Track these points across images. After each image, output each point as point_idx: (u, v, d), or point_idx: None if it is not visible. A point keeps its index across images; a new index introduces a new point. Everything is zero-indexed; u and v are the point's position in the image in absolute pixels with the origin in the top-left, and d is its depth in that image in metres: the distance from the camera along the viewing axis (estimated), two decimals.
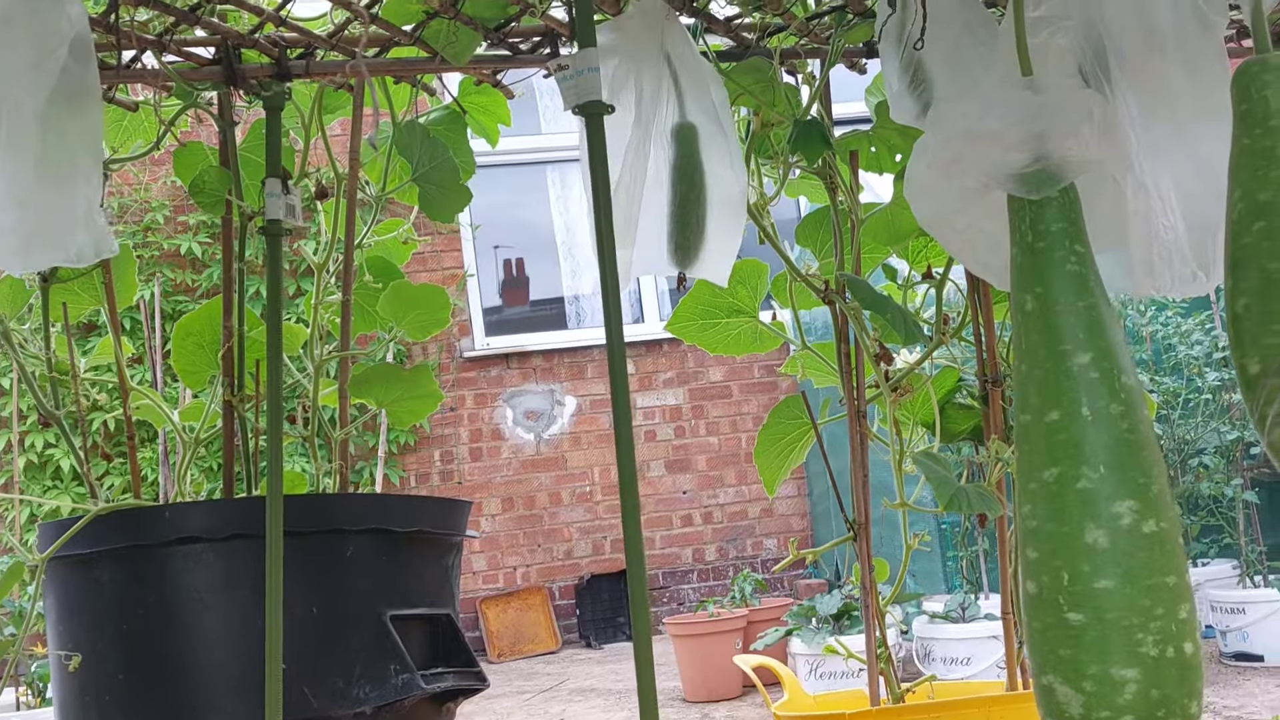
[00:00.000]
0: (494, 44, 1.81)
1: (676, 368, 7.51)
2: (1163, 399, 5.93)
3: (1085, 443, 1.20)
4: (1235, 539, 5.73)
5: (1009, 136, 1.27)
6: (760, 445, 2.28)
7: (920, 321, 2.28)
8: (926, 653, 4.86)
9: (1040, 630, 1.21)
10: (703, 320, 2.30)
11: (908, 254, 2.28)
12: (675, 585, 7.45)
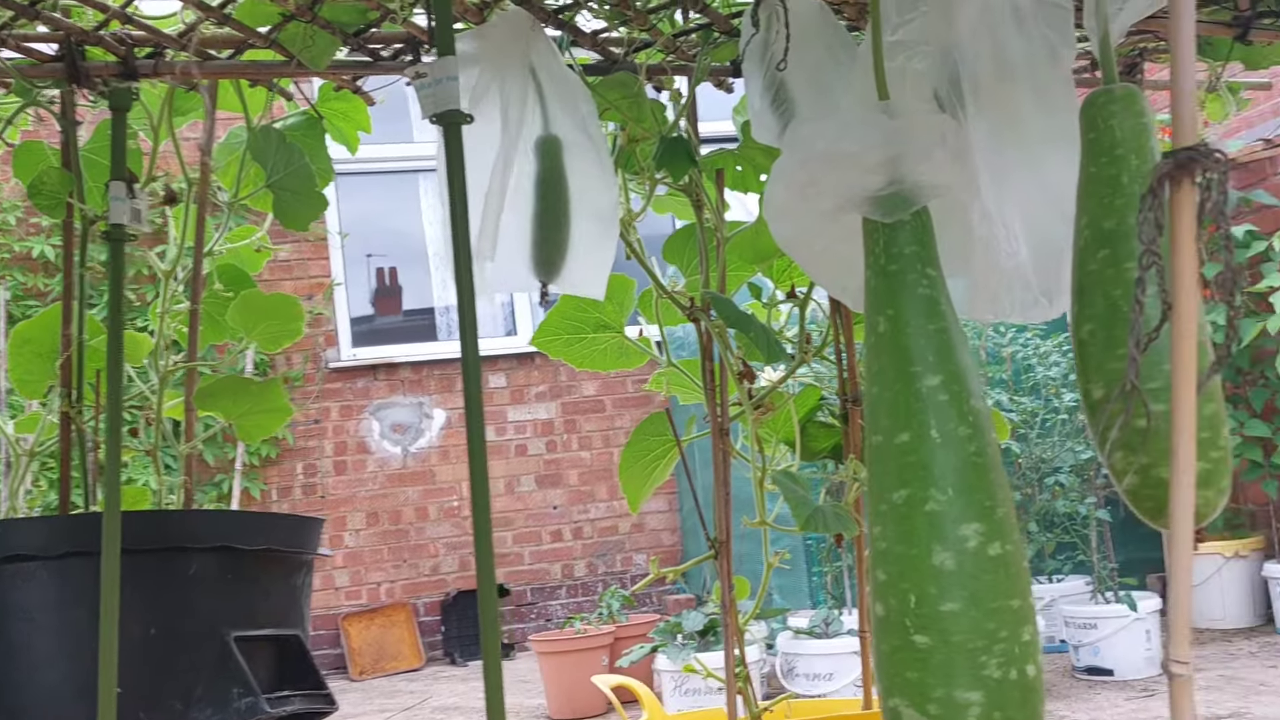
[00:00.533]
0: (354, 49, 1.77)
1: (549, 381, 7.47)
2: (1021, 418, 6.09)
3: (934, 465, 1.20)
4: (1088, 556, 5.90)
5: (864, 159, 1.28)
6: (625, 462, 2.26)
7: (784, 340, 2.29)
8: (790, 668, 4.89)
9: (888, 653, 1.22)
10: (569, 335, 2.28)
11: (772, 272, 2.29)
12: (544, 601, 7.40)
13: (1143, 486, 1.23)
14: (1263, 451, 6.36)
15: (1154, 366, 1.21)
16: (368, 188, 7.58)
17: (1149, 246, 0.96)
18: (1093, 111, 1.32)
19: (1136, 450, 1.22)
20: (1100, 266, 1.28)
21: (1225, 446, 1.25)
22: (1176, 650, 0.90)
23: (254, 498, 6.93)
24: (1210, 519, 1.25)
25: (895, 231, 1.28)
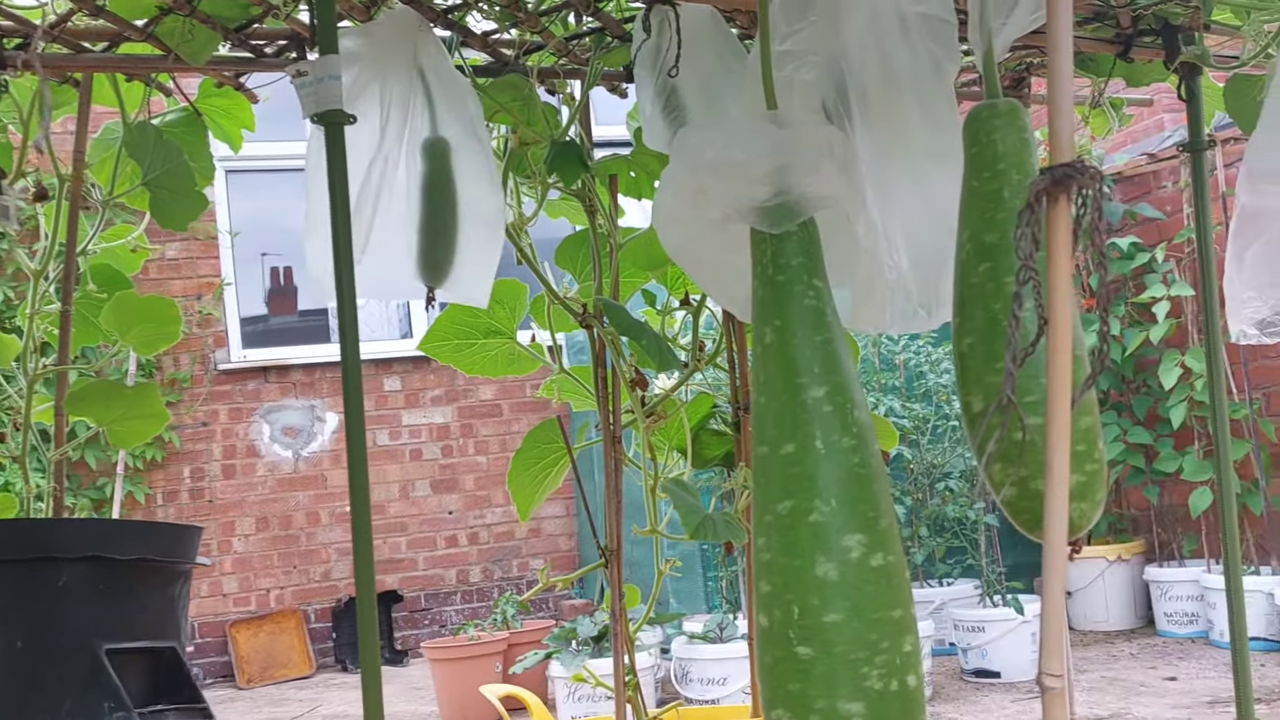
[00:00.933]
0: (236, 45, 1.72)
1: (445, 385, 7.39)
2: (913, 424, 6.18)
3: (818, 476, 1.21)
4: (977, 560, 6.01)
5: (752, 169, 1.27)
6: (514, 470, 2.24)
7: (677, 347, 2.29)
8: (684, 673, 4.90)
9: (771, 664, 1.21)
10: (459, 340, 2.25)
11: (666, 280, 2.28)
12: (438, 608, 7.32)
13: (1020, 498, 1.24)
14: (1145, 458, 6.53)
15: (1031, 380, 1.22)
16: (263, 185, 7.43)
17: (1026, 262, 0.97)
18: (975, 126, 1.33)
19: (1014, 463, 1.23)
20: (981, 280, 1.29)
21: (1101, 460, 1.27)
22: (1048, 663, 0.91)
23: (138, 502, 6.75)
24: (1085, 530, 1.27)
25: (782, 242, 1.28)
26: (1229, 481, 1.88)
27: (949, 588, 6.24)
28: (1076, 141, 6.19)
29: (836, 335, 1.27)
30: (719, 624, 5.00)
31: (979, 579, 6.01)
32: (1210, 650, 5.80)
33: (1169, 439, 6.42)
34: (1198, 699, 4.94)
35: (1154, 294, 6.11)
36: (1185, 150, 1.95)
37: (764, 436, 1.26)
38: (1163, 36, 1.90)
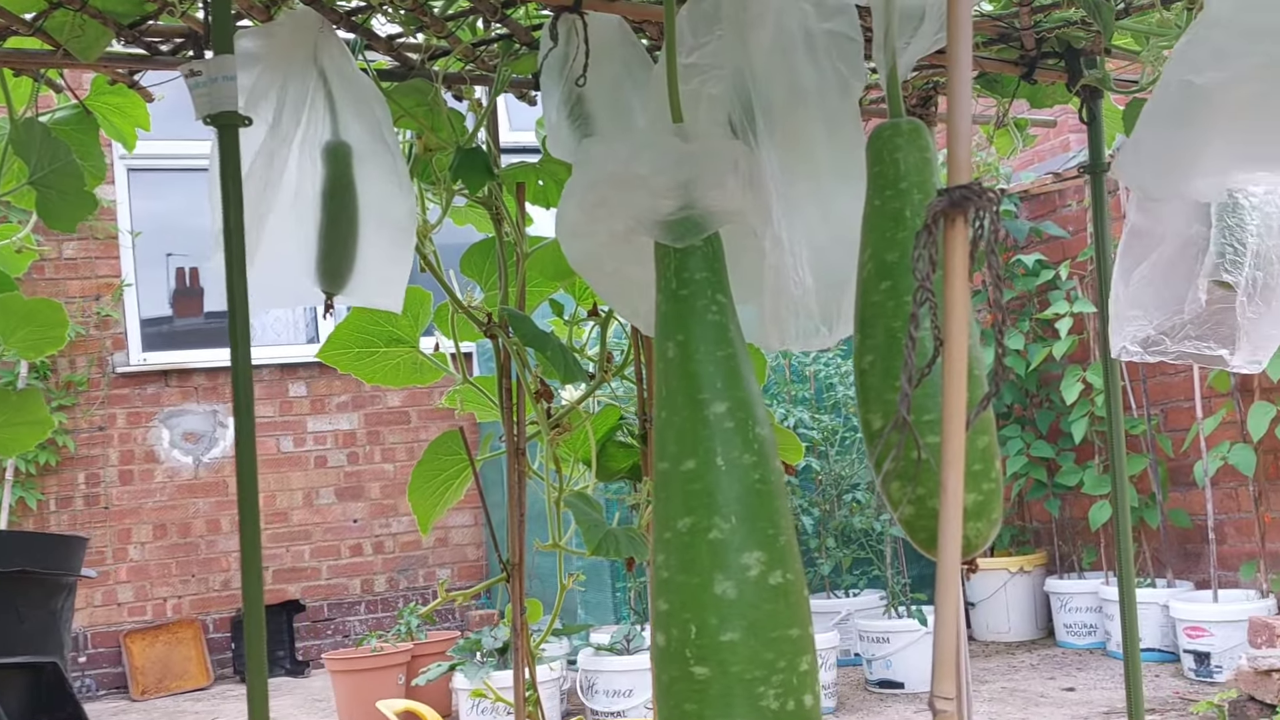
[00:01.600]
0: (130, 42, 1.67)
1: (352, 391, 7.29)
2: (822, 436, 6.23)
3: (718, 493, 1.20)
4: (883, 571, 6.07)
5: (655, 183, 1.26)
6: (415, 481, 2.20)
7: (585, 358, 2.26)
8: (590, 685, 4.87)
9: (667, 684, 1.20)
10: (359, 349, 2.20)
11: (575, 290, 2.26)
12: (341, 618, 7.21)
13: (917, 517, 1.24)
14: (1047, 471, 6.65)
15: (930, 399, 1.23)
16: (168, 184, 7.27)
17: (923, 282, 0.96)
18: (879, 144, 1.33)
19: (911, 481, 1.23)
20: (882, 299, 1.29)
21: (998, 479, 1.28)
22: (940, 686, 0.91)
23: (30, 508, 6.56)
24: (982, 549, 1.28)
25: (686, 256, 1.27)
26: (1124, 495, 1.91)
27: (855, 598, 6.29)
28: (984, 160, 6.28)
29: (739, 351, 1.26)
30: (626, 635, 4.98)
31: (884, 590, 6.07)
32: (1108, 661, 5.92)
33: (1070, 453, 6.54)
34: (1095, 709, 5.03)
35: (1057, 310, 6.23)
36: (1086, 172, 1.98)
37: (665, 452, 1.24)
38: (1065, 59, 1.93)
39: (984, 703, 5.20)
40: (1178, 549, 6.17)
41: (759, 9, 1.36)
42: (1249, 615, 5.13)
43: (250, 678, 1.36)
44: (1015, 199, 6.82)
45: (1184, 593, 5.81)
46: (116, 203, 6.99)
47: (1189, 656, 5.41)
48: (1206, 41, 1.20)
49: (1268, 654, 4.60)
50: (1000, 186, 6.73)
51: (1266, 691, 4.51)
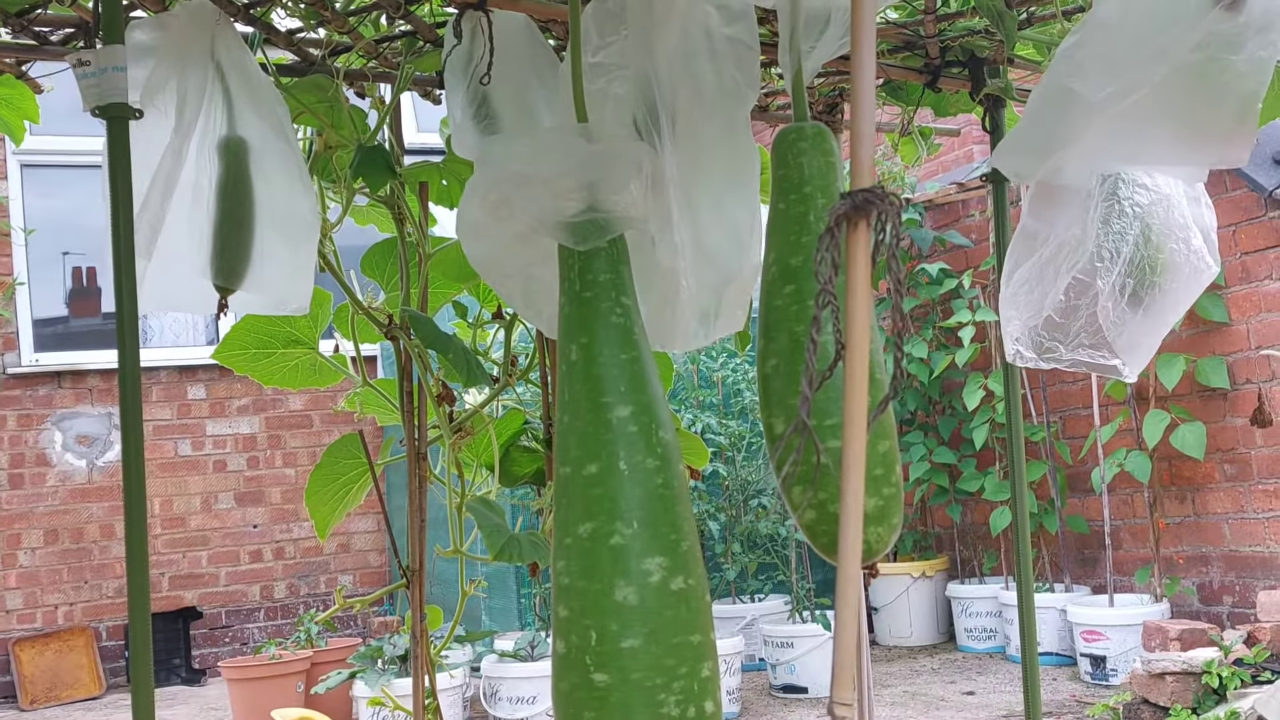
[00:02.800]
0: (18, 31, 1.61)
1: (253, 394, 7.15)
2: (729, 441, 6.25)
3: (621, 498, 1.18)
4: (788, 576, 6.10)
5: (559, 183, 1.25)
6: (313, 485, 2.15)
7: (490, 362, 2.24)
8: (494, 692, 4.83)
9: (566, 691, 1.18)
10: (256, 350, 2.15)
11: (479, 292, 2.23)
12: (240, 625, 7.06)
13: (818, 521, 1.24)
14: (949, 477, 6.75)
15: (832, 403, 1.22)
16: (65, 181, 7.07)
17: (825, 286, 0.96)
18: (783, 148, 1.33)
19: (813, 486, 1.23)
20: (785, 302, 1.29)
21: (898, 484, 1.28)
22: (839, 692, 0.90)
23: None
24: (882, 554, 1.28)
25: (590, 258, 1.25)
26: (1023, 501, 1.93)
27: (760, 604, 6.32)
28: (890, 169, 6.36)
29: (644, 354, 1.25)
30: (530, 642, 4.95)
31: (789, 595, 6.11)
32: (1007, 665, 6.02)
33: (972, 459, 6.65)
34: (994, 713, 5.11)
35: (960, 319, 6.33)
36: (988, 181, 2.00)
37: (567, 457, 1.23)
38: (969, 68, 1.95)
39: (886, 707, 5.25)
40: (1076, 554, 6.30)
41: (664, 11, 1.35)
42: (1144, 619, 5.25)
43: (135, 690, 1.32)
44: (920, 208, 6.92)
45: (1081, 597, 5.93)
46: (9, 199, 6.78)
47: (1085, 660, 5.52)
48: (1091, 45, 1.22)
49: (1161, 657, 4.71)
50: (905, 196, 6.82)
51: (1160, 694, 4.62)
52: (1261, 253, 5.36)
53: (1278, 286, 5.29)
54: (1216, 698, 4.54)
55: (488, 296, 2.22)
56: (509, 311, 2.17)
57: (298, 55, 1.82)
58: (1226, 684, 4.50)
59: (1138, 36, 1.21)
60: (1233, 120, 1.19)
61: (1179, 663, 4.61)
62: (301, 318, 2.12)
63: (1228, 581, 5.59)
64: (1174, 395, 5.63)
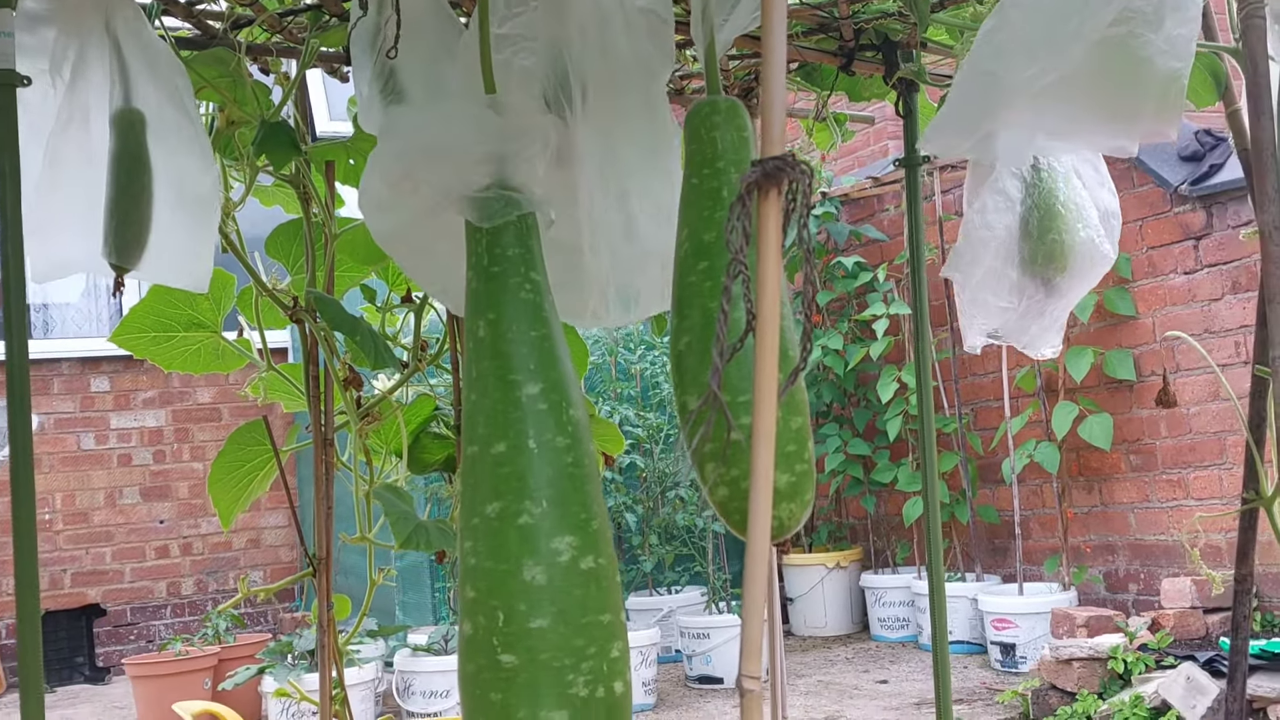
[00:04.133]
0: None
1: (160, 386, 6.98)
2: (647, 433, 6.24)
3: (530, 476, 1.16)
4: (705, 567, 6.11)
5: (466, 157, 1.21)
6: (215, 474, 2.10)
7: (399, 347, 2.20)
8: (407, 686, 4.77)
9: (473, 673, 1.15)
10: (156, 333, 2.09)
11: (387, 275, 2.19)
12: (146, 622, 6.90)
13: (731, 499, 1.22)
14: (863, 469, 6.81)
15: (745, 380, 1.21)
16: None
17: (736, 255, 0.94)
18: (696, 122, 1.31)
19: (725, 463, 1.21)
20: (699, 279, 1.27)
21: (810, 460, 1.27)
22: (747, 665, 0.89)
23: None
24: (794, 530, 1.26)
25: (499, 232, 1.23)
26: (934, 492, 1.94)
27: (677, 595, 6.32)
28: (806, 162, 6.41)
29: (554, 331, 1.23)
30: (444, 636, 4.89)
31: (706, 586, 6.11)
32: (919, 654, 6.08)
33: (886, 450, 6.71)
34: (906, 700, 5.16)
35: (875, 312, 6.38)
36: (900, 165, 2.00)
37: (474, 435, 1.20)
38: (883, 52, 1.95)
39: (800, 696, 5.28)
40: (987, 544, 6.39)
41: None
42: (1052, 607, 5.34)
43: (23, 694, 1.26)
44: (836, 202, 6.97)
45: (992, 586, 6.02)
46: None
47: (995, 648, 5.59)
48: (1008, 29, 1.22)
49: (1069, 644, 4.79)
50: (821, 190, 6.87)
51: (1067, 680, 4.69)
52: (1167, 247, 5.47)
53: (1183, 281, 5.41)
54: (1122, 683, 4.63)
55: (397, 280, 2.17)
56: (419, 295, 2.13)
57: (198, 27, 1.77)
58: (1131, 669, 4.59)
59: (1054, 16, 1.21)
60: (1159, 97, 1.20)
61: (1086, 649, 4.69)
62: (203, 300, 2.06)
63: (1133, 570, 5.71)
64: (1082, 387, 5.73)
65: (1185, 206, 5.37)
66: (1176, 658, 4.56)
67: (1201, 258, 5.33)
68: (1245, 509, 1.40)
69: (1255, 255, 5.15)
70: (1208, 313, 5.25)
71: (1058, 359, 5.69)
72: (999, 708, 4.91)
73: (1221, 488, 5.26)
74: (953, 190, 6.43)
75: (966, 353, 6.29)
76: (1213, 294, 5.26)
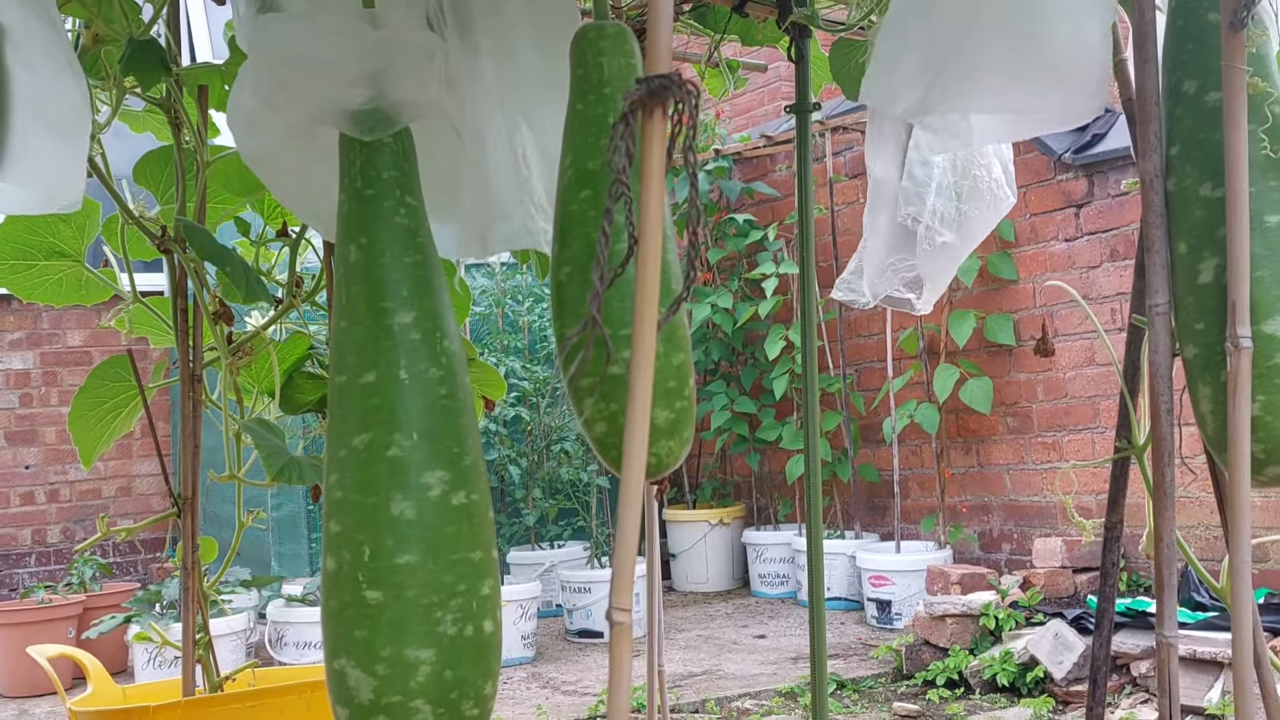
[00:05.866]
0: None
1: (28, 328, 6.72)
2: (534, 386, 6.19)
3: (400, 408, 1.12)
4: (588, 522, 6.10)
5: (344, 70, 1.16)
6: (76, 410, 2.00)
7: (274, 283, 2.13)
8: (280, 637, 4.69)
9: (336, 610, 1.12)
10: (15, 260, 1.99)
11: (263, 208, 2.11)
12: (9, 570, 6.67)
13: (609, 434, 1.20)
14: (749, 427, 6.85)
15: (627, 312, 1.18)
16: None
17: (619, 177, 0.90)
18: (583, 46, 1.27)
19: (605, 397, 1.18)
20: (582, 207, 1.23)
21: (691, 398, 1.25)
22: (618, 598, 0.86)
23: None
24: (673, 467, 1.24)
25: (374, 153, 1.18)
26: (815, 450, 1.93)
27: (560, 550, 6.31)
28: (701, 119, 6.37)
29: (430, 259, 1.18)
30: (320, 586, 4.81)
31: (589, 541, 6.11)
32: (798, 609, 6.16)
33: (771, 409, 6.76)
34: (783, 655, 5.22)
35: (764, 270, 6.40)
36: (790, 111, 1.98)
37: (343, 365, 1.15)
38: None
39: (678, 650, 5.31)
40: (866, 503, 6.49)
41: None
42: (928, 565, 5.44)
43: None
44: (729, 159, 6.97)
45: (870, 544, 6.11)
46: None
47: (873, 604, 5.69)
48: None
49: (942, 600, 4.89)
50: (715, 147, 6.86)
51: (941, 636, 4.79)
52: (1050, 214, 5.57)
53: (1063, 248, 5.52)
54: (993, 639, 4.74)
55: (272, 212, 2.10)
56: (295, 229, 2.06)
57: None
58: (1003, 625, 4.70)
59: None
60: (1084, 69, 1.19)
61: (959, 606, 4.79)
62: (66, 228, 1.97)
63: (1007, 530, 5.84)
64: (964, 351, 5.83)
65: (1068, 174, 5.47)
66: (1046, 615, 4.68)
67: (1082, 225, 5.44)
68: (1118, 457, 1.42)
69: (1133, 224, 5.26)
70: (1086, 279, 5.37)
71: (940, 322, 5.77)
72: (873, 662, 4.99)
73: (1094, 451, 5.40)
74: (844, 152, 6.47)
75: (852, 313, 6.33)
76: (1091, 261, 5.38)
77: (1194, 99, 1.23)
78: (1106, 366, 5.25)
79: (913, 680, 4.73)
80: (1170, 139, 1.24)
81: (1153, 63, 1.26)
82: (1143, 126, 1.25)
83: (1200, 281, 1.20)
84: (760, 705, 4.47)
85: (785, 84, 6.92)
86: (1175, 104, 1.24)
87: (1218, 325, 1.18)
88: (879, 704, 4.49)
